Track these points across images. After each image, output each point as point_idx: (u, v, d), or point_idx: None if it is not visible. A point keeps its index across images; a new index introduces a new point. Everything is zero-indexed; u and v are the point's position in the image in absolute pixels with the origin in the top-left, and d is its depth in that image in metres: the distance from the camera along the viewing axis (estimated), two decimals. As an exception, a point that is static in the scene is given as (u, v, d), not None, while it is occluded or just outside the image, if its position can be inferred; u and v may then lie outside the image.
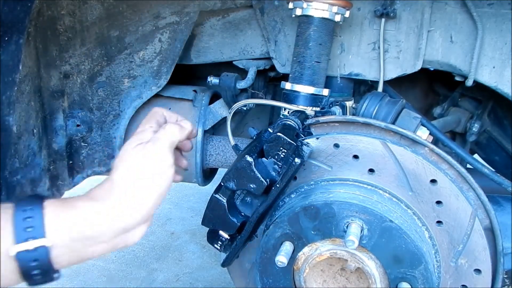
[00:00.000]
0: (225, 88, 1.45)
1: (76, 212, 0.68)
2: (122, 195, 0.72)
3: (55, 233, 0.65)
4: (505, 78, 1.31)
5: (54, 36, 1.27)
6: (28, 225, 0.64)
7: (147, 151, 0.77)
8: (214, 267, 2.99)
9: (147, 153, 0.76)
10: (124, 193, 0.72)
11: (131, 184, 0.73)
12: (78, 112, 1.39)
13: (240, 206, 1.05)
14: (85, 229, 0.68)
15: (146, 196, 0.74)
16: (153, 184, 0.75)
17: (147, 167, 0.75)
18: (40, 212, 0.65)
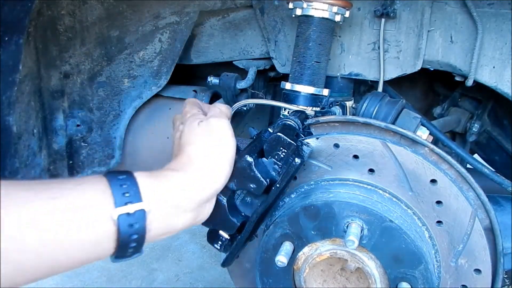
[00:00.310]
0: (225, 88, 1.45)
1: (167, 180, 0.73)
2: (201, 166, 0.79)
3: (150, 198, 0.68)
4: (505, 78, 1.31)
5: (54, 36, 1.27)
6: (125, 191, 0.66)
7: (212, 126, 0.85)
8: (214, 267, 2.99)
9: (213, 127, 0.84)
10: (203, 164, 0.79)
11: (207, 156, 0.80)
12: (78, 112, 1.39)
13: (240, 206, 1.05)
14: (175, 196, 0.72)
15: (221, 166, 0.82)
16: (224, 155, 0.83)
17: (216, 140, 0.83)
18: (134, 180, 0.69)
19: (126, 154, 1.53)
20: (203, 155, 0.80)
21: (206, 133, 0.83)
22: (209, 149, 0.81)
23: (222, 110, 0.93)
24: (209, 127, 0.85)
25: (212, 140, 0.83)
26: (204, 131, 0.84)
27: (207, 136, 0.83)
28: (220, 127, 0.85)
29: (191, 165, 0.78)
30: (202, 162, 0.79)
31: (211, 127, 0.85)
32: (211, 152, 0.81)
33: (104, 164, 1.47)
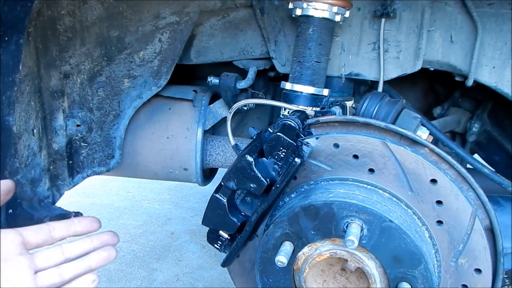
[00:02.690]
0: (225, 88, 1.45)
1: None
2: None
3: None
4: (505, 78, 1.31)
5: (54, 36, 1.27)
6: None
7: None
8: (214, 267, 2.99)
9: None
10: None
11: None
12: (78, 112, 1.39)
13: (240, 206, 1.05)
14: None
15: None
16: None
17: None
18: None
19: (126, 154, 1.53)
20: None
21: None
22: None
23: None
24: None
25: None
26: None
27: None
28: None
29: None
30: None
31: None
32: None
33: (104, 164, 1.47)
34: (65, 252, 0.83)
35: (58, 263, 0.82)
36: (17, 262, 0.76)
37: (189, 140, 1.52)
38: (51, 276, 0.79)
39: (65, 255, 0.83)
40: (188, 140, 1.52)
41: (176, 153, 1.53)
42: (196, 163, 1.53)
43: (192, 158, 1.52)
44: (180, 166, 1.55)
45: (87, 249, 0.86)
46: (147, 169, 1.59)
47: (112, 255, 0.87)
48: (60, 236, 0.84)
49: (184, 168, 1.55)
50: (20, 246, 0.77)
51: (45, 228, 0.82)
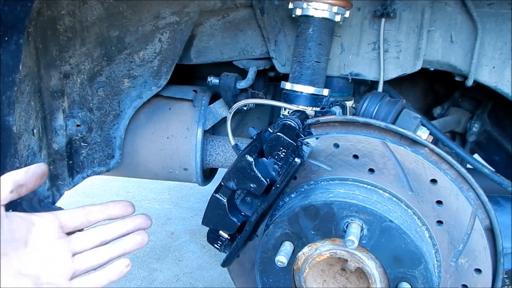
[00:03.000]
0: (225, 88, 1.45)
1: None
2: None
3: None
4: (505, 78, 1.31)
5: (54, 36, 1.27)
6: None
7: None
8: (214, 267, 2.99)
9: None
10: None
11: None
12: (78, 112, 1.39)
13: (240, 205, 1.05)
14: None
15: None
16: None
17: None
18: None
19: (126, 154, 1.53)
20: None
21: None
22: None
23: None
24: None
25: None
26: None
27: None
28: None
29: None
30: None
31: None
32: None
33: (104, 164, 1.47)
34: (101, 235, 0.85)
35: (94, 246, 0.83)
36: (55, 246, 0.78)
37: (189, 140, 1.52)
38: (88, 259, 0.81)
39: (101, 238, 0.85)
40: (188, 140, 1.52)
41: (176, 153, 1.53)
42: (196, 163, 1.53)
43: (192, 158, 1.52)
44: (180, 166, 1.55)
45: (122, 232, 0.88)
46: (147, 169, 1.59)
47: (145, 239, 0.90)
48: (96, 219, 0.85)
49: (184, 168, 1.55)
50: (58, 230, 0.79)
51: (81, 211, 0.84)
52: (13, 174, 0.75)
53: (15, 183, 0.74)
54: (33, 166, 0.78)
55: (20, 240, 0.73)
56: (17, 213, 0.75)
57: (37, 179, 0.78)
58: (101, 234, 0.85)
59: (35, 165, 0.78)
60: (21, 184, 0.75)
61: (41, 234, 0.77)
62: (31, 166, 0.78)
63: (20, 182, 0.75)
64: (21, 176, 0.75)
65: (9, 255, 0.70)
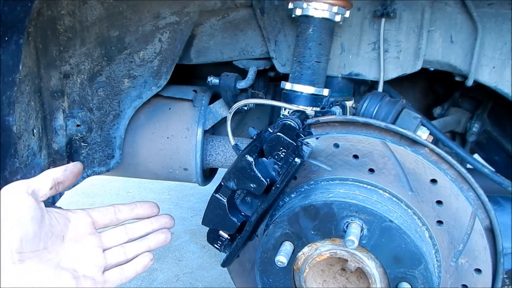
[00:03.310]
0: (225, 88, 1.45)
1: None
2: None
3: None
4: (505, 78, 1.31)
5: (54, 36, 1.27)
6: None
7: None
8: (214, 267, 2.99)
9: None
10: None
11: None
12: (78, 112, 1.39)
13: (240, 205, 1.05)
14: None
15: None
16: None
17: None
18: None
19: (126, 154, 1.53)
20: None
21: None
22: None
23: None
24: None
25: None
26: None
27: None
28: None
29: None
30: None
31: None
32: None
33: (104, 164, 1.47)
34: (129, 233, 0.91)
35: (123, 242, 0.89)
36: (88, 241, 0.83)
37: (189, 140, 1.52)
38: (117, 255, 0.87)
39: (129, 236, 0.90)
40: (188, 140, 1.52)
41: (176, 153, 1.53)
42: (196, 163, 1.53)
43: (192, 158, 1.52)
44: (180, 166, 1.55)
45: (148, 230, 0.94)
46: (147, 169, 1.59)
47: (168, 238, 0.96)
48: (124, 217, 0.91)
49: (184, 168, 1.55)
50: (90, 226, 0.84)
51: (111, 209, 0.90)
52: (52, 172, 0.80)
53: (54, 180, 0.79)
54: (71, 165, 0.84)
55: (58, 235, 0.77)
56: (55, 209, 0.79)
57: (74, 177, 0.84)
58: (129, 231, 0.91)
59: (72, 164, 0.84)
60: (59, 181, 0.80)
61: (76, 230, 0.81)
62: (69, 165, 0.84)
63: (59, 179, 0.80)
64: (60, 174, 0.81)
65: (49, 249, 0.74)
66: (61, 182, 0.80)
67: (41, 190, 0.76)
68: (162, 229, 0.96)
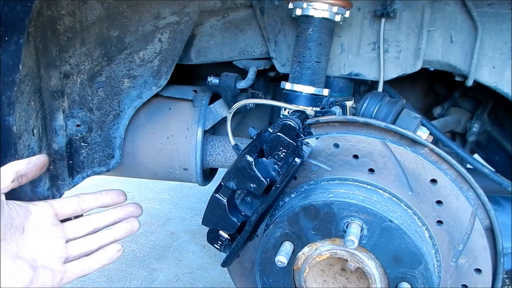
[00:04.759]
0: (225, 88, 1.45)
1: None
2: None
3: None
4: (505, 78, 1.31)
5: (54, 36, 1.27)
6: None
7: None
8: (214, 267, 2.99)
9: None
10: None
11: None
12: (78, 112, 1.39)
13: (240, 205, 1.05)
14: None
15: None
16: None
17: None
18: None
19: (126, 154, 1.53)
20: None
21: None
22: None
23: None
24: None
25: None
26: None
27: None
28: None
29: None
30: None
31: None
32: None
33: (104, 164, 1.47)
34: (93, 223, 0.90)
35: (87, 233, 0.88)
36: (49, 232, 0.83)
37: (189, 140, 1.52)
38: (81, 246, 0.87)
39: (93, 226, 0.90)
40: (188, 140, 1.52)
41: (176, 153, 1.53)
42: (196, 163, 1.53)
43: (192, 158, 1.52)
44: (180, 166, 1.55)
45: (113, 219, 0.93)
46: (147, 169, 1.59)
47: (135, 226, 0.95)
48: (89, 207, 0.90)
49: (184, 168, 1.55)
50: (52, 217, 0.85)
51: (75, 200, 0.90)
52: (14, 165, 0.80)
53: (16, 173, 0.79)
54: (34, 158, 0.84)
55: (18, 227, 0.77)
56: (16, 202, 0.80)
57: (37, 170, 0.84)
58: (93, 221, 0.90)
59: (36, 157, 0.84)
60: (22, 174, 0.81)
61: (37, 221, 0.82)
62: (33, 158, 0.84)
63: (21, 172, 0.80)
64: (23, 167, 0.81)
65: (7, 240, 0.75)
66: (24, 175, 0.81)
67: (2, 183, 0.77)
68: (128, 218, 0.94)
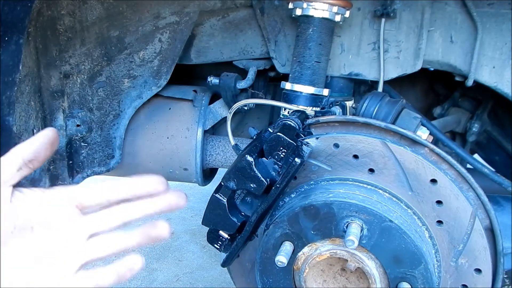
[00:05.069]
0: (225, 88, 1.45)
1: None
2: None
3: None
4: (505, 78, 1.31)
5: (54, 36, 1.27)
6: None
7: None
8: (214, 267, 2.99)
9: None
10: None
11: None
12: (78, 112, 1.39)
13: (240, 205, 1.05)
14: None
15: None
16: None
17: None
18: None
19: (126, 154, 1.53)
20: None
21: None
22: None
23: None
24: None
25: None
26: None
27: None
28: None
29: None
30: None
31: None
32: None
33: (104, 164, 1.47)
34: (123, 216, 0.73)
35: (113, 228, 0.72)
36: (67, 228, 0.68)
37: (189, 140, 1.52)
38: (102, 247, 0.71)
39: (122, 220, 0.73)
40: (188, 140, 1.52)
41: (176, 153, 1.53)
42: (196, 163, 1.53)
43: (192, 158, 1.52)
44: (180, 166, 1.55)
45: (148, 213, 0.74)
46: (147, 169, 1.58)
47: (165, 231, 0.73)
48: (118, 197, 0.74)
49: (184, 168, 1.55)
50: (71, 210, 0.70)
51: (102, 187, 0.73)
52: (18, 150, 0.66)
53: (23, 159, 0.65)
54: (40, 136, 0.68)
55: (24, 226, 0.64)
56: (26, 192, 0.66)
57: (47, 149, 0.69)
58: (123, 215, 0.73)
59: (41, 134, 0.68)
60: (30, 159, 0.66)
61: (51, 215, 0.67)
62: (38, 136, 0.68)
63: (28, 157, 0.66)
64: (29, 150, 0.66)
65: (10, 244, 0.62)
66: (33, 159, 0.66)
67: (6, 175, 0.63)
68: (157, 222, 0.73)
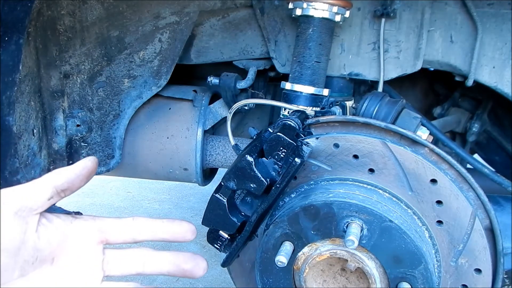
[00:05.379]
0: (225, 88, 1.45)
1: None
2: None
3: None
4: (505, 78, 1.31)
5: (54, 36, 1.27)
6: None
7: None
8: (214, 267, 2.99)
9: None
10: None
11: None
12: (78, 112, 1.39)
13: (240, 205, 1.05)
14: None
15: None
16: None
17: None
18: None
19: (126, 154, 1.53)
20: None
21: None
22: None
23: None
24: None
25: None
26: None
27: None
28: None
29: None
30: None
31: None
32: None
33: (104, 164, 1.47)
34: (144, 265, 0.73)
35: (131, 273, 0.71)
36: (87, 266, 0.67)
37: (189, 140, 1.52)
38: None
39: (144, 269, 0.73)
40: (188, 140, 1.52)
41: (176, 153, 1.53)
42: (196, 163, 1.53)
43: (192, 158, 1.52)
44: (180, 166, 1.55)
45: (170, 265, 0.73)
46: (147, 169, 1.59)
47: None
48: (145, 238, 0.72)
49: (184, 168, 1.55)
50: (95, 244, 0.68)
51: (130, 227, 0.70)
52: (52, 178, 0.62)
53: (56, 188, 0.62)
54: (79, 166, 0.64)
55: (46, 259, 0.61)
56: (55, 220, 0.63)
57: (82, 180, 0.65)
58: (143, 257, 0.70)
59: (80, 164, 0.65)
60: (63, 189, 0.63)
61: (74, 248, 0.64)
62: (76, 166, 0.64)
63: (61, 186, 0.63)
64: (64, 180, 0.63)
65: (27, 277, 0.59)
66: (66, 189, 0.63)
67: (35, 203, 0.59)
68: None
